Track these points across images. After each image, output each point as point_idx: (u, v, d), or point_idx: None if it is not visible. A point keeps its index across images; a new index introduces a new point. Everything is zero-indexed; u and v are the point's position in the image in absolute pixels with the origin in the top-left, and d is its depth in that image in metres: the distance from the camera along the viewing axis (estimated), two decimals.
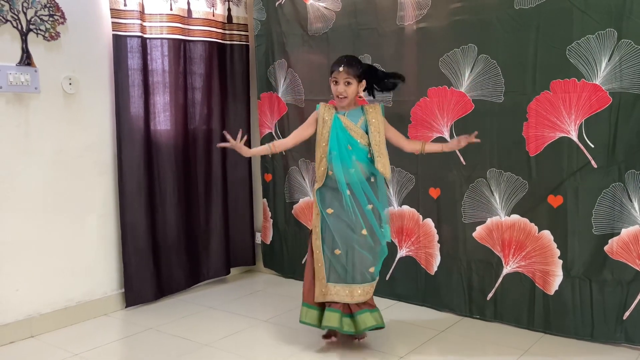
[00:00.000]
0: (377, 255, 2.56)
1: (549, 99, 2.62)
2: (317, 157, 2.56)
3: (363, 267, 2.52)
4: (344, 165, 2.50)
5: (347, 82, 2.48)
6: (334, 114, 2.54)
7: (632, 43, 2.39)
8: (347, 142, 2.51)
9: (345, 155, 2.50)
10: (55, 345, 2.66)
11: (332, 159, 2.51)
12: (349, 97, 2.51)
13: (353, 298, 2.51)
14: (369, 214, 2.52)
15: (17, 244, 2.71)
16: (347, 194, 2.50)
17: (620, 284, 2.53)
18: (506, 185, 2.78)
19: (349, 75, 2.48)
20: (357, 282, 2.52)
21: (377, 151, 2.51)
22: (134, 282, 3.13)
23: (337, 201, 2.53)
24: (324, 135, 2.53)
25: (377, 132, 2.52)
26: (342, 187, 2.50)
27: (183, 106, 3.34)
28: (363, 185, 2.51)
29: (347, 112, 2.56)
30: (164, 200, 3.27)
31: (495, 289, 2.88)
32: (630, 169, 2.47)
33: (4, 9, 2.59)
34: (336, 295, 2.51)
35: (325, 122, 2.54)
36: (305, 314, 2.58)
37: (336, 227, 2.53)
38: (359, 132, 2.52)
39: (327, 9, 3.32)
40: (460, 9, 2.83)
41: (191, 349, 2.61)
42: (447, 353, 2.57)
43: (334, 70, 2.50)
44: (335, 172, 2.51)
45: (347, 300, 2.51)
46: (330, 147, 2.51)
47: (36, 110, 2.75)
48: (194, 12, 3.37)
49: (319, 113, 2.57)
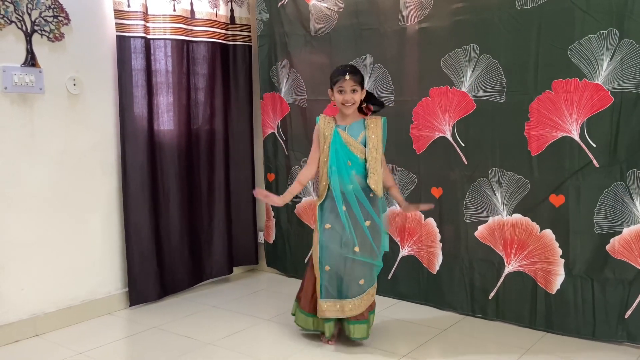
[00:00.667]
0: (370, 270, 2.55)
1: (551, 99, 2.61)
2: (319, 172, 2.56)
3: (352, 282, 2.52)
4: (342, 181, 2.50)
5: (353, 90, 2.48)
6: (334, 129, 2.53)
7: (634, 43, 2.39)
8: (346, 158, 2.50)
9: (344, 171, 2.50)
10: (60, 344, 2.67)
11: (331, 174, 2.51)
12: (356, 103, 2.51)
13: (344, 313, 2.52)
14: (366, 230, 2.51)
15: (22, 244, 2.71)
16: (343, 209, 2.49)
17: (622, 283, 2.53)
18: (508, 185, 2.78)
19: (355, 82, 2.47)
20: (348, 297, 2.52)
21: (371, 167, 2.50)
22: (137, 281, 3.13)
23: (334, 217, 2.52)
24: (325, 151, 2.53)
25: (375, 149, 2.51)
26: (338, 203, 2.50)
27: (186, 106, 3.34)
28: (362, 201, 2.50)
29: (348, 125, 2.54)
30: (167, 200, 3.28)
31: (497, 288, 2.87)
32: (632, 168, 2.47)
33: (8, 10, 2.60)
34: (328, 312, 2.53)
35: (325, 137, 2.53)
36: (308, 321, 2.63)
37: (329, 243, 2.52)
38: (359, 148, 2.51)
39: (330, 9, 3.32)
40: (462, 9, 2.83)
41: (194, 348, 2.61)
42: (449, 352, 2.57)
43: (339, 80, 2.47)
44: (333, 188, 2.51)
45: (339, 316, 2.53)
46: (330, 162, 2.51)
47: (41, 111, 2.76)
48: (197, 12, 3.37)
49: (320, 128, 2.56)
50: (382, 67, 3.13)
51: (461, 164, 2.92)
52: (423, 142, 3.03)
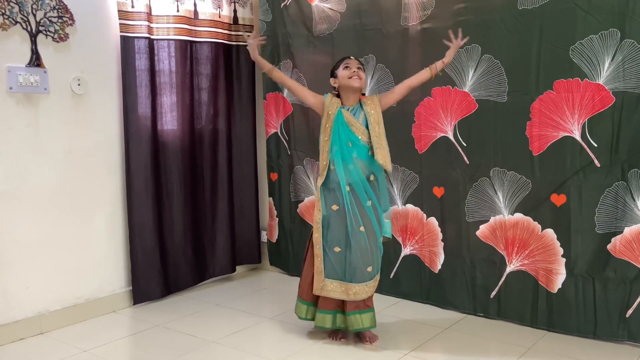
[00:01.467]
0: (374, 253, 2.54)
1: (552, 99, 2.61)
2: (320, 149, 2.56)
3: (360, 266, 2.51)
4: (344, 162, 2.50)
5: (358, 68, 2.54)
6: (338, 108, 2.54)
7: (635, 43, 2.38)
8: (347, 139, 2.51)
9: (346, 151, 2.50)
10: (65, 342, 2.67)
11: (334, 154, 2.51)
12: (362, 79, 2.53)
13: (348, 296, 2.51)
14: (368, 210, 2.52)
15: (27, 242, 2.72)
16: (347, 190, 2.50)
17: (623, 282, 2.52)
18: (509, 184, 2.78)
19: (359, 64, 2.56)
20: (354, 281, 2.52)
21: (376, 143, 2.50)
22: (141, 280, 3.14)
23: (339, 198, 2.52)
24: (327, 129, 2.53)
25: (377, 124, 2.52)
26: (342, 184, 2.50)
27: (190, 106, 3.34)
28: (363, 183, 2.51)
29: (351, 107, 2.56)
30: (171, 199, 3.28)
31: (498, 287, 2.87)
32: (633, 168, 2.46)
33: (13, 10, 2.60)
34: (332, 292, 2.53)
35: (329, 115, 2.53)
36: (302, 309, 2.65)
37: (337, 224, 2.53)
38: (361, 129, 2.52)
39: (332, 10, 3.32)
40: (463, 10, 2.83)
41: (197, 346, 2.62)
42: (450, 350, 2.57)
43: (344, 59, 2.57)
44: (336, 168, 2.51)
45: (343, 297, 2.52)
46: (332, 141, 2.52)
47: (46, 111, 2.76)
48: (201, 13, 3.37)
49: (325, 103, 2.56)
50: (384, 68, 3.13)
51: (463, 164, 2.92)
52: (425, 142, 3.03)
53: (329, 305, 2.57)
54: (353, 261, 2.51)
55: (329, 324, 2.58)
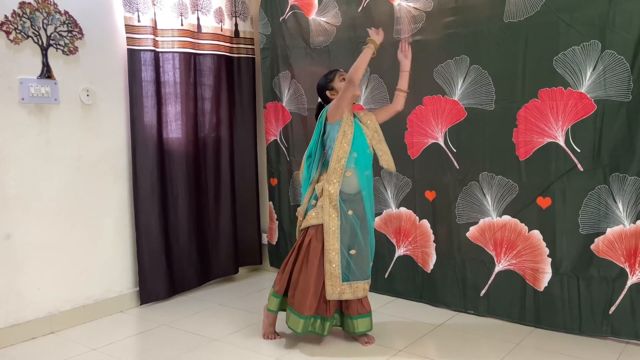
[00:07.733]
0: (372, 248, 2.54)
1: (537, 107, 2.62)
2: (335, 156, 2.41)
3: (366, 265, 2.51)
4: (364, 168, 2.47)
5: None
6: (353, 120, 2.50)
7: (615, 53, 2.39)
8: (365, 146, 2.48)
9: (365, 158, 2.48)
10: (75, 341, 2.66)
11: (355, 161, 2.44)
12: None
13: (356, 295, 2.48)
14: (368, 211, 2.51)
15: (39, 245, 2.72)
16: (365, 194, 2.48)
17: (606, 280, 2.52)
18: (497, 188, 2.78)
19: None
20: (361, 279, 2.49)
21: (379, 150, 2.50)
22: (148, 281, 3.13)
23: (356, 203, 2.47)
24: (347, 136, 2.42)
25: (376, 132, 2.52)
26: (362, 188, 2.47)
27: (193, 115, 3.34)
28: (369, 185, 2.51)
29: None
30: (176, 204, 3.28)
31: (488, 286, 2.87)
32: (614, 172, 2.47)
33: (25, 25, 2.60)
34: (344, 294, 2.45)
35: (348, 124, 2.44)
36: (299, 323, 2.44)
37: (349, 227, 2.46)
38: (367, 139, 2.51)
39: (328, 23, 3.33)
40: (453, 23, 2.84)
41: (202, 343, 2.61)
42: (443, 346, 2.56)
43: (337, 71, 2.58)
44: (357, 175, 2.45)
45: (351, 297, 2.47)
46: (353, 148, 2.43)
47: (56, 120, 2.76)
48: (204, 27, 3.38)
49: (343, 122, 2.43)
50: (378, 78, 3.14)
51: (453, 169, 2.92)
52: (417, 148, 3.03)
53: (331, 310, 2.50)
54: (363, 261, 2.49)
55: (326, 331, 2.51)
